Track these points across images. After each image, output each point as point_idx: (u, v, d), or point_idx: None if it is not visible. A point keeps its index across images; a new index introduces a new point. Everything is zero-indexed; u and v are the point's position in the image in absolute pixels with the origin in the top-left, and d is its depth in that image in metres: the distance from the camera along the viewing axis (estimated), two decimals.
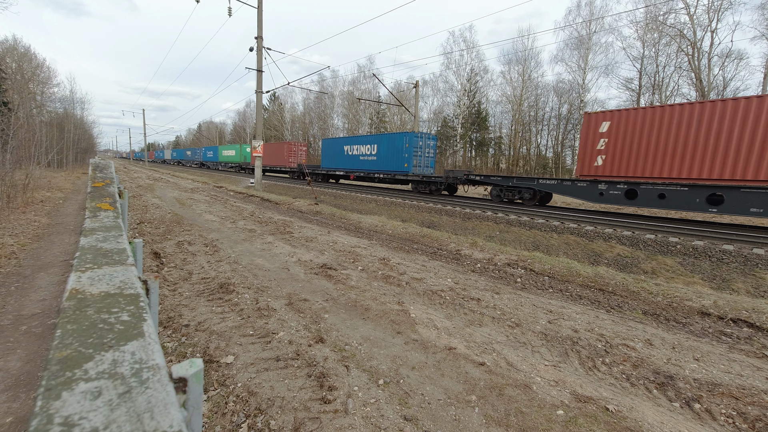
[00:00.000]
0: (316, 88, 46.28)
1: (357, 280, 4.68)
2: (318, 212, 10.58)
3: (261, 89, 16.98)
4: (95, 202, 2.12)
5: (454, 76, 36.95)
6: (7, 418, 2.06)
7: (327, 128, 47.67)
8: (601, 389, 2.57)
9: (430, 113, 41.51)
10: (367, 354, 2.92)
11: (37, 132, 16.96)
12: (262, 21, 16.22)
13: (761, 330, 3.59)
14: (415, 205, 13.17)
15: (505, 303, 4.10)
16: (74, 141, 32.45)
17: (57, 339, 0.71)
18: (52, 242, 6.07)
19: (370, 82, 42.21)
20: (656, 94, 27.18)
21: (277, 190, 19.74)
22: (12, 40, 28.83)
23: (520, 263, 5.60)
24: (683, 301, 4.21)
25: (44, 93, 31.00)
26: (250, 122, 61.68)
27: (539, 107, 34.33)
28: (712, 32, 23.55)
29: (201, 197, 13.88)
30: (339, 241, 6.92)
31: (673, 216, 12.80)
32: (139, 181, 21.17)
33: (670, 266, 6.81)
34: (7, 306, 3.54)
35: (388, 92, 27.57)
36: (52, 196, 11.54)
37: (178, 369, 0.71)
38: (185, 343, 3.00)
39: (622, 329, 3.53)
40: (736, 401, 2.45)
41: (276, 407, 2.26)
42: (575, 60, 30.28)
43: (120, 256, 1.25)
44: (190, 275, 4.71)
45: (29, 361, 2.63)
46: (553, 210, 12.53)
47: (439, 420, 2.21)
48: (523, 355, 3.01)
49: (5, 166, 9.29)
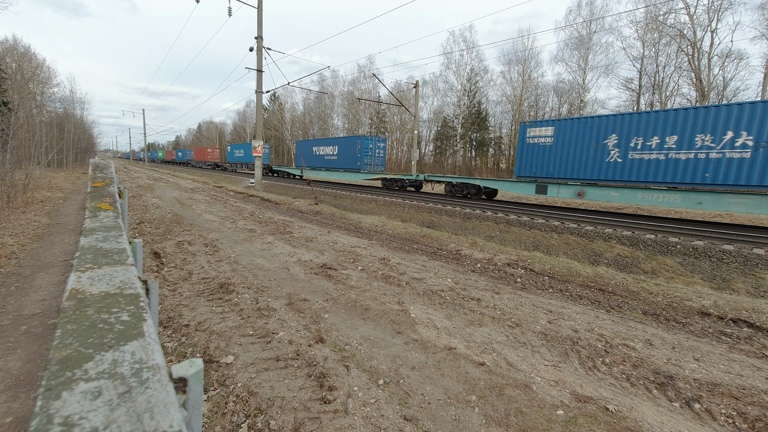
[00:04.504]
0: (316, 88, 46.28)
1: (357, 280, 4.68)
2: (318, 212, 10.58)
3: (261, 89, 16.97)
4: (95, 202, 2.12)
5: (454, 76, 36.94)
6: (7, 418, 2.06)
7: (327, 128, 47.65)
8: (601, 389, 2.57)
9: (430, 113, 41.51)
10: (367, 354, 2.92)
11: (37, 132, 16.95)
12: (262, 21, 16.21)
13: (761, 330, 3.59)
14: (415, 205, 13.17)
15: (505, 303, 4.10)
16: (74, 141, 32.45)
17: (57, 339, 0.71)
18: (52, 242, 6.07)
19: (370, 82, 42.19)
20: (656, 94, 27.17)
21: (277, 190, 19.74)
22: (12, 40, 28.85)
23: (520, 263, 5.60)
24: (683, 301, 4.21)
25: (44, 93, 31.02)
26: (250, 122, 61.67)
27: (539, 107, 34.28)
28: (712, 32, 23.54)
29: (201, 197, 13.88)
30: (339, 241, 6.92)
31: (673, 216, 12.81)
32: (139, 181, 21.17)
33: (670, 266, 6.81)
34: (7, 306, 3.54)
35: (388, 92, 27.58)
36: (52, 196, 11.54)
37: (178, 369, 0.71)
38: (185, 343, 3.00)
39: (622, 329, 3.53)
40: (736, 401, 2.45)
41: (276, 407, 2.26)
42: (575, 60, 30.26)
43: (120, 256, 1.26)
44: (190, 275, 4.71)
45: (29, 361, 2.63)
46: (552, 210, 12.54)
47: (439, 420, 2.21)
48: (523, 355, 3.01)
49: (5, 166, 9.29)
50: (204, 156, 45.06)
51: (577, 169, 11.65)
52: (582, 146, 11.52)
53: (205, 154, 45.10)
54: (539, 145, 12.68)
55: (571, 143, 11.80)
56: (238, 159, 36.62)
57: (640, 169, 10.32)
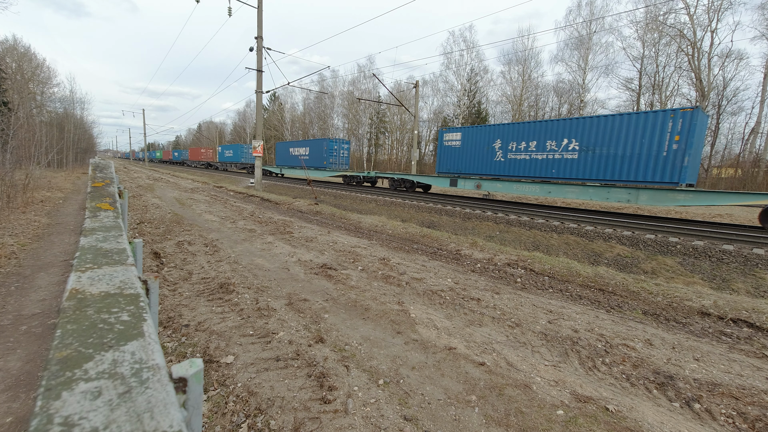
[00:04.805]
0: (316, 88, 46.28)
1: (357, 280, 4.68)
2: (318, 212, 10.58)
3: (261, 89, 16.97)
4: (95, 202, 2.12)
5: (454, 76, 36.95)
6: (7, 418, 2.06)
7: (327, 128, 47.65)
8: (601, 389, 2.57)
9: (430, 113, 41.52)
10: (367, 354, 2.92)
11: (37, 132, 16.95)
12: (262, 21, 16.21)
13: (761, 330, 3.59)
14: (415, 205, 13.18)
15: (505, 303, 4.10)
16: (74, 141, 32.45)
17: (57, 339, 0.71)
18: (52, 242, 6.07)
19: (370, 82, 42.19)
20: (656, 94, 27.17)
21: (277, 190, 19.75)
22: (12, 40, 28.86)
23: (520, 263, 5.60)
24: (683, 301, 4.21)
25: (44, 93, 31.03)
26: (250, 122, 61.66)
27: (539, 107, 34.30)
28: (712, 32, 23.55)
29: (201, 197, 13.88)
30: (339, 241, 6.92)
31: (673, 216, 12.83)
32: (139, 181, 21.17)
33: (670, 266, 6.81)
34: (7, 306, 3.54)
35: (388, 92, 27.59)
36: (52, 196, 11.54)
37: (178, 369, 0.71)
38: (185, 343, 3.00)
39: (622, 329, 3.53)
40: (736, 401, 2.45)
41: (276, 407, 2.26)
42: (575, 60, 30.28)
43: (120, 256, 1.26)
44: (190, 275, 4.71)
45: (29, 361, 2.63)
46: (552, 210, 12.55)
47: (439, 420, 2.21)
48: (523, 355, 3.01)
49: (5, 166, 9.29)
50: (198, 156, 49.98)
51: (477, 167, 14.66)
52: (479, 149, 14.52)
53: (199, 154, 49.90)
54: (452, 147, 15.59)
55: (473, 146, 14.76)
56: (228, 159, 40.33)
57: (515, 166, 13.31)
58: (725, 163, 24.91)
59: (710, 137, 24.42)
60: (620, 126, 10.64)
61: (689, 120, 9.40)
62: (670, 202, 9.94)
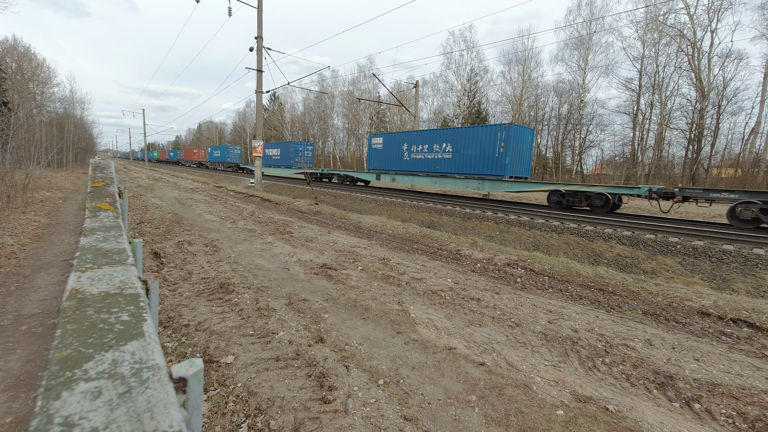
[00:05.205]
0: (316, 88, 46.25)
1: (357, 280, 4.68)
2: (318, 212, 10.58)
3: (261, 89, 16.97)
4: (95, 202, 2.12)
5: (454, 76, 36.92)
6: (7, 418, 2.06)
7: (327, 128, 47.64)
8: (601, 389, 2.57)
9: (430, 113, 41.50)
10: (367, 354, 2.92)
11: (37, 132, 16.95)
12: (262, 21, 16.21)
13: (761, 330, 3.59)
14: (415, 205, 13.19)
15: (505, 303, 4.10)
16: (74, 141, 32.47)
17: (57, 339, 0.71)
18: (52, 242, 6.07)
19: (370, 82, 42.17)
20: (656, 94, 27.15)
21: (277, 190, 19.74)
22: (12, 40, 28.85)
23: (520, 263, 5.60)
24: (683, 301, 4.21)
25: (44, 93, 31.02)
26: (250, 122, 61.64)
27: (539, 107, 34.28)
28: (712, 32, 23.53)
29: (201, 197, 13.88)
30: (339, 241, 6.92)
31: (672, 216, 12.83)
32: (139, 181, 21.17)
33: (670, 266, 6.81)
34: (7, 306, 3.54)
35: (388, 92, 27.58)
36: (52, 196, 11.54)
37: (178, 369, 0.71)
38: (185, 343, 3.00)
39: (622, 329, 3.53)
40: (736, 401, 2.45)
41: (276, 407, 2.26)
42: (575, 60, 30.23)
43: (120, 256, 1.25)
44: (190, 275, 4.71)
45: (29, 361, 2.63)
46: (552, 210, 12.56)
47: (439, 420, 2.21)
48: (523, 355, 3.01)
49: (5, 166, 9.29)
50: (191, 156, 54.89)
51: (392, 164, 18.90)
52: (394, 150, 18.70)
53: (192, 154, 54.67)
54: (377, 149, 19.95)
55: (390, 148, 19.02)
56: (216, 158, 44.26)
57: (416, 164, 17.52)
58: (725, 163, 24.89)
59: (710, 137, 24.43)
60: (474, 134, 14.65)
61: (508, 132, 13.40)
62: (499, 189, 13.92)
